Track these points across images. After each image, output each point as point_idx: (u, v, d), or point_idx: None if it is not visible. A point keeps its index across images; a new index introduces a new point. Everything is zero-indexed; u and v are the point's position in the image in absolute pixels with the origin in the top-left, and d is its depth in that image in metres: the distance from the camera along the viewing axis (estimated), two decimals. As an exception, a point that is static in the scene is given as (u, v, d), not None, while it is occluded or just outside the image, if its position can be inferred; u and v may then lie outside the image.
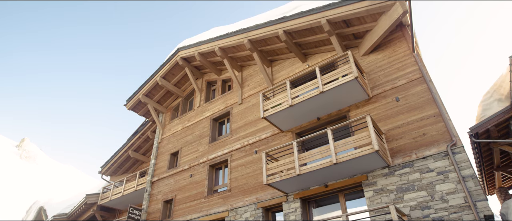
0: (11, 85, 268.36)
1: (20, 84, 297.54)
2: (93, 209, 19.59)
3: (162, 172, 15.03)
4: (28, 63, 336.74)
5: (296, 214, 9.55)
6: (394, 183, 8.26)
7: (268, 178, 9.26)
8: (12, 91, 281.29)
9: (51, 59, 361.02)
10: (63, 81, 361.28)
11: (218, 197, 11.89)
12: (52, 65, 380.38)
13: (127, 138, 20.06)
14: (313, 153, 8.64)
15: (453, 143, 7.86)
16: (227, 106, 14.12)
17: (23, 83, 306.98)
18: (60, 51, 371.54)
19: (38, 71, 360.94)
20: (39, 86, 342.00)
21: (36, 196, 53.33)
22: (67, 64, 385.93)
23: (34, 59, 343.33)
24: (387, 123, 9.19)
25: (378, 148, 7.67)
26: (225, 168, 12.90)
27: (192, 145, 14.51)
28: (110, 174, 21.59)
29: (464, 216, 7.06)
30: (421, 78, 9.23)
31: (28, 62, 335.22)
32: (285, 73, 12.83)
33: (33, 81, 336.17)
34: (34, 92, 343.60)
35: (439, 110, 8.46)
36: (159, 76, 16.16)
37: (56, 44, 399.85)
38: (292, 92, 10.11)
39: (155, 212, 13.96)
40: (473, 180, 7.32)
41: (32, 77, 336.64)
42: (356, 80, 9.07)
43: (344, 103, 10.05)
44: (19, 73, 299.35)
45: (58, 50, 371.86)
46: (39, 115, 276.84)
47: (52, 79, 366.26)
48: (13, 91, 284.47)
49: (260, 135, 11.92)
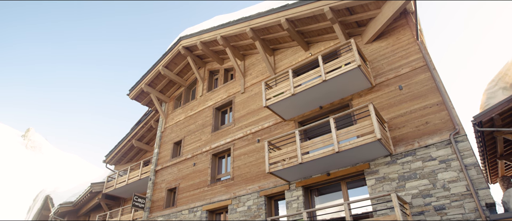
0: (15, 76, 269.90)
1: (24, 75, 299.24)
2: (98, 197, 19.89)
3: (166, 161, 15.16)
4: (33, 54, 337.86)
5: (298, 202, 9.63)
6: (396, 172, 8.28)
7: (271, 166, 9.31)
8: (16, 82, 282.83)
9: (55, 51, 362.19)
10: (67, 72, 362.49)
11: (221, 186, 12.00)
12: (57, 57, 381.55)
13: (131, 127, 20.18)
14: (316, 141, 8.65)
15: (456, 131, 7.83)
16: (230, 95, 14.12)
17: (28, 74, 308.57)
18: (64, 43, 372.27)
19: (42, 62, 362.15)
20: (43, 77, 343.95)
21: (42, 185, 54.11)
22: (71, 56, 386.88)
23: (39, 51, 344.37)
24: (390, 111, 9.16)
25: (381, 136, 7.66)
26: (227, 157, 12.98)
27: (195, 134, 14.58)
28: (114, 163, 21.81)
29: (466, 204, 7.09)
30: (425, 66, 9.14)
31: (32, 54, 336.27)
32: (288, 61, 12.76)
33: (37, 73, 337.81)
34: (39, 83, 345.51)
35: (442, 98, 8.41)
36: (162, 65, 16.14)
37: (60, 36, 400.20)
38: (295, 80, 10.07)
39: (159, 200, 14.14)
40: (475, 168, 7.32)
41: (36, 69, 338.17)
42: (359, 69, 9.00)
43: (346, 91, 10.01)
44: (23, 64, 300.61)
45: (62, 42, 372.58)
46: (43, 106, 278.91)
47: (56, 70, 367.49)
48: (18, 82, 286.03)
49: (262, 124, 11.94)
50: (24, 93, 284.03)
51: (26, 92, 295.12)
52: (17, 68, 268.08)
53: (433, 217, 7.32)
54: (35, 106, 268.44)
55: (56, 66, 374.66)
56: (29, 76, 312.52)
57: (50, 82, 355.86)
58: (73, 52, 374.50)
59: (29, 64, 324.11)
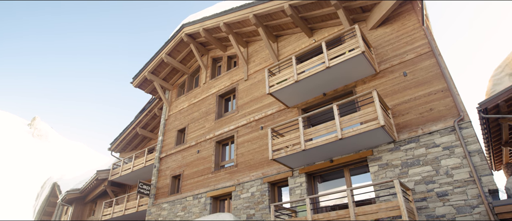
0: (20, 67, 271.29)
1: (29, 66, 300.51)
2: (104, 184, 20.19)
3: (170, 148, 15.28)
4: (37, 46, 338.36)
5: (301, 189, 9.71)
6: (399, 158, 8.28)
7: (274, 153, 9.35)
8: (21, 72, 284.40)
9: (59, 42, 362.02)
10: (72, 63, 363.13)
11: (225, 172, 12.11)
12: (61, 48, 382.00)
13: (135, 115, 20.29)
14: (319, 128, 8.65)
15: (460, 118, 7.77)
16: (233, 83, 14.09)
17: (32, 65, 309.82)
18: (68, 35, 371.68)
19: (46, 53, 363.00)
20: (47, 68, 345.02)
21: (50, 173, 54.97)
22: (75, 47, 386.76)
23: (43, 42, 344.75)
24: (394, 98, 9.10)
25: (384, 123, 7.63)
26: (231, 144, 13.04)
27: (198, 121, 14.64)
28: (119, 150, 22.04)
29: (468, 190, 7.09)
30: (430, 52, 9.02)
31: (36, 46, 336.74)
32: (291, 48, 12.65)
33: (41, 63, 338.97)
34: (43, 74, 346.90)
35: (447, 84, 8.32)
36: (164, 53, 16.09)
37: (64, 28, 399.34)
38: (298, 67, 10.00)
39: (164, 187, 14.32)
40: (479, 155, 7.29)
41: (40, 59, 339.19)
42: (363, 55, 8.91)
43: (350, 78, 9.94)
44: (27, 55, 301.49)
45: (66, 34, 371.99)
46: (48, 95, 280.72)
47: (60, 61, 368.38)
48: (23, 72, 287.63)
49: (266, 111, 11.94)
50: (29, 83, 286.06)
51: (31, 82, 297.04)
52: (21, 59, 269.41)
53: (435, 203, 7.35)
54: (40, 95, 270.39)
55: (60, 57, 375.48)
56: (33, 67, 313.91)
57: (55, 72, 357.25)
58: (77, 44, 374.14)
59: (33, 55, 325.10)
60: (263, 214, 10.21)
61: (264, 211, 10.22)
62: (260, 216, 10.25)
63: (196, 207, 12.33)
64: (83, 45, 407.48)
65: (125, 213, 16.52)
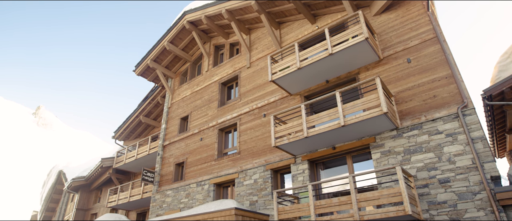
0: (25, 57, 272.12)
1: (33, 57, 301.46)
2: (109, 172, 20.45)
3: (173, 136, 15.38)
4: (41, 37, 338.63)
5: (304, 176, 9.77)
6: (402, 145, 8.28)
7: (277, 140, 9.38)
8: (25, 63, 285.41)
9: (64, 34, 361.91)
10: (75, 54, 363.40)
11: (228, 160, 12.19)
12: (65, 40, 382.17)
13: (138, 104, 20.36)
14: (321, 115, 8.64)
15: (464, 105, 7.72)
16: (235, 70, 14.04)
17: (36, 56, 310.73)
18: (72, 26, 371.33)
19: (50, 44, 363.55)
20: (51, 58, 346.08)
21: (55, 161, 55.69)
22: (79, 38, 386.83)
23: (46, 33, 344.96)
24: (397, 85, 9.03)
25: (387, 110, 7.61)
26: (234, 131, 13.09)
27: (201, 109, 14.67)
28: (123, 139, 22.22)
29: (471, 177, 7.10)
30: (434, 38, 8.90)
31: (40, 37, 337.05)
32: (294, 35, 12.53)
33: (45, 54, 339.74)
34: (47, 64, 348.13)
35: (451, 71, 8.24)
36: (167, 41, 16.01)
37: (68, 19, 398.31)
38: (301, 54, 9.93)
39: (168, 174, 14.48)
40: (482, 141, 7.27)
41: (44, 50, 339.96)
42: (366, 41, 8.81)
43: (353, 65, 9.86)
44: (31, 45, 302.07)
45: (71, 25, 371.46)
46: (52, 85, 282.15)
47: (63, 52, 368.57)
48: (27, 62, 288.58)
49: (268, 99, 11.93)
50: (33, 73, 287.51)
51: (35, 72, 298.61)
52: (25, 49, 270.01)
53: (437, 189, 7.38)
54: (44, 85, 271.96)
55: (64, 48, 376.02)
56: (37, 58, 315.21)
57: (59, 63, 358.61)
58: (81, 35, 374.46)
59: (37, 46, 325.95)
60: (266, 201, 10.32)
61: (267, 197, 10.33)
62: (263, 202, 10.36)
63: (200, 194, 12.48)
64: (87, 36, 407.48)
65: (130, 200, 16.77)
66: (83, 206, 23.23)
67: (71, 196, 26.07)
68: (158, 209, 13.93)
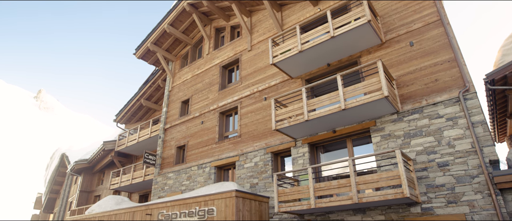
0: (26, 44, 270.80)
1: (35, 44, 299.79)
2: (111, 155, 20.65)
3: (174, 119, 15.43)
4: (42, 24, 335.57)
5: (304, 159, 9.85)
6: (402, 129, 8.30)
7: (277, 124, 9.41)
8: (26, 48, 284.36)
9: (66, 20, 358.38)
10: (76, 39, 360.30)
11: (229, 143, 12.27)
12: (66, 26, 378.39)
13: (139, 87, 20.33)
14: (322, 99, 8.63)
15: (466, 89, 7.68)
16: (236, 53, 13.94)
17: (38, 42, 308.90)
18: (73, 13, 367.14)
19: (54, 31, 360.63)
20: (52, 44, 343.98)
21: (58, 144, 56.16)
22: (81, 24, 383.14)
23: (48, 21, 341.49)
24: (399, 68, 8.97)
25: (388, 94, 7.58)
26: (235, 114, 13.12)
27: (202, 92, 14.66)
28: (125, 122, 22.32)
29: (469, 160, 7.14)
30: (438, 21, 8.76)
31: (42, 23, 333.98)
32: (296, 17, 12.36)
33: (46, 40, 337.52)
34: (48, 48, 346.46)
35: (454, 55, 8.15)
36: (167, 23, 15.83)
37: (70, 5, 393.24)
38: (302, 37, 9.82)
39: (169, 157, 14.61)
40: (482, 125, 7.27)
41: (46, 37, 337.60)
42: (368, 24, 8.70)
43: (355, 48, 9.76)
44: (33, 34, 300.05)
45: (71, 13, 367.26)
46: (53, 69, 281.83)
47: (64, 38, 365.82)
48: (28, 47, 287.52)
49: (269, 82, 11.89)
50: (34, 59, 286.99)
51: (36, 57, 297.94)
52: (27, 38, 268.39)
53: (435, 173, 7.44)
54: (45, 70, 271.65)
55: (65, 34, 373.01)
56: (39, 45, 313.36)
57: (59, 48, 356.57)
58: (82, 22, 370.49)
59: (39, 35, 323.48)
60: (266, 183, 10.44)
61: (267, 180, 10.45)
62: (263, 185, 10.49)
63: (201, 177, 12.63)
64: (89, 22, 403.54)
65: (132, 182, 17.00)
66: (86, 188, 23.59)
67: (74, 179, 26.44)
68: (160, 191, 14.14)
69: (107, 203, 13.94)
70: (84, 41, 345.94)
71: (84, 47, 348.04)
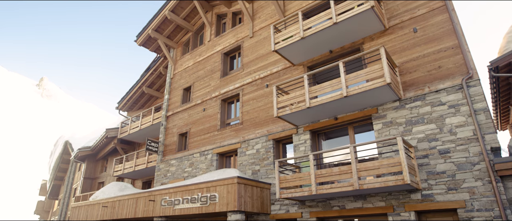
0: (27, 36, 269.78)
1: (36, 35, 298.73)
2: (114, 142, 20.79)
3: (176, 106, 15.46)
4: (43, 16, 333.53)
5: (305, 146, 9.88)
6: (404, 116, 8.28)
7: (279, 111, 9.42)
8: (29, 39, 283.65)
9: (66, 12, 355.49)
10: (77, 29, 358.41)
11: (231, 130, 12.32)
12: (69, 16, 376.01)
13: (140, 74, 20.30)
14: (324, 86, 8.59)
15: (469, 76, 7.62)
16: (238, 40, 13.83)
17: (39, 33, 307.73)
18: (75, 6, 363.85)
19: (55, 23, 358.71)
20: (55, 35, 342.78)
21: (61, 132, 56.51)
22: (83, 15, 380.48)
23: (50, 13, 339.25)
24: (402, 55, 8.89)
25: (390, 81, 7.54)
26: (237, 102, 13.12)
27: (204, 80, 14.63)
28: (127, 109, 22.39)
29: (471, 148, 7.15)
30: (443, 6, 8.62)
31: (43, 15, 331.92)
32: (298, 4, 12.20)
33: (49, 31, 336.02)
34: (50, 39, 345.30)
35: (458, 41, 8.06)
36: (168, 9, 15.67)
37: None
38: (304, 23, 9.72)
39: (172, 144, 14.70)
40: (485, 113, 7.24)
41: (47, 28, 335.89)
42: (372, 10, 8.58)
43: (358, 34, 9.66)
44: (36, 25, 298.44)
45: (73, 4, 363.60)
46: (54, 59, 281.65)
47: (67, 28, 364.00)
48: (28, 37, 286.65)
49: (271, 69, 11.83)
50: (36, 48, 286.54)
51: (38, 46, 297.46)
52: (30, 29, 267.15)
53: (436, 160, 7.46)
54: (47, 59, 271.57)
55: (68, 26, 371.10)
56: (42, 35, 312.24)
57: (61, 38, 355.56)
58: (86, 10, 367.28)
59: (42, 26, 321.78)
60: (267, 170, 10.52)
61: (269, 167, 10.53)
62: (265, 171, 10.57)
63: (203, 163, 12.73)
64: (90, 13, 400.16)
65: (135, 169, 17.17)
66: (90, 175, 23.88)
67: (78, 166, 26.73)
68: (163, 178, 14.29)
69: (110, 190, 14.12)
70: (86, 30, 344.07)
71: (86, 36, 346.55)
